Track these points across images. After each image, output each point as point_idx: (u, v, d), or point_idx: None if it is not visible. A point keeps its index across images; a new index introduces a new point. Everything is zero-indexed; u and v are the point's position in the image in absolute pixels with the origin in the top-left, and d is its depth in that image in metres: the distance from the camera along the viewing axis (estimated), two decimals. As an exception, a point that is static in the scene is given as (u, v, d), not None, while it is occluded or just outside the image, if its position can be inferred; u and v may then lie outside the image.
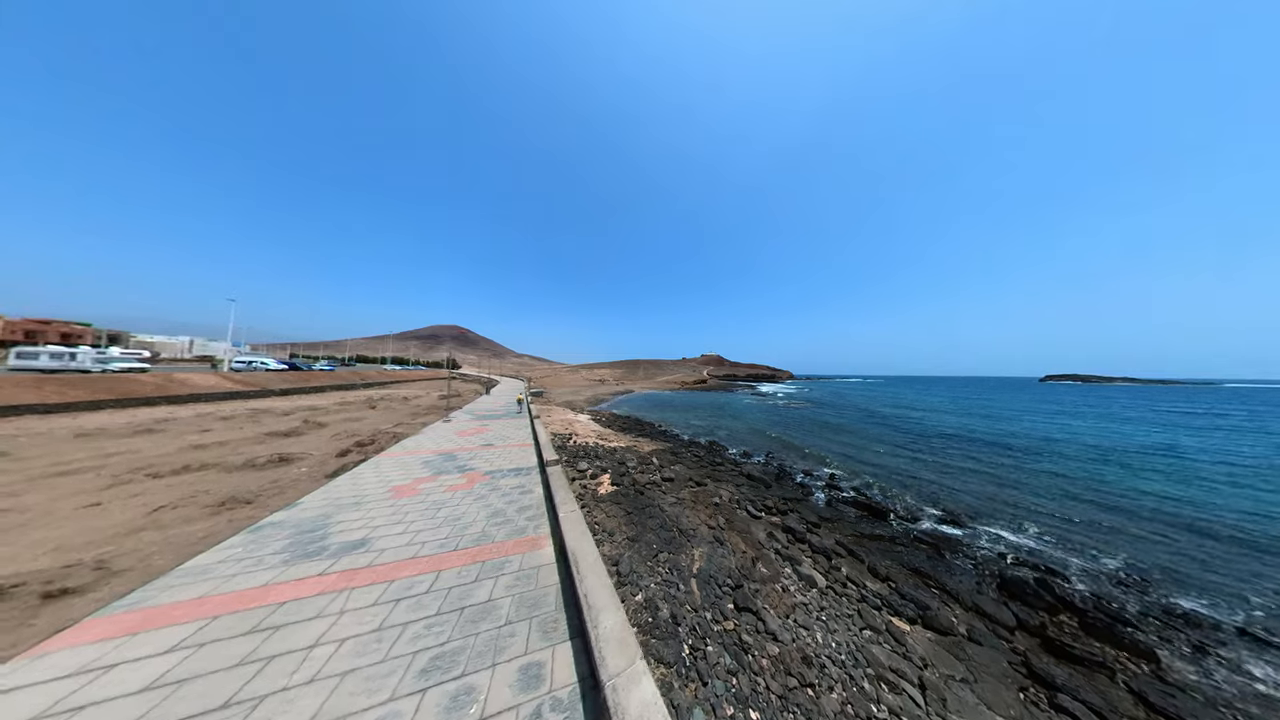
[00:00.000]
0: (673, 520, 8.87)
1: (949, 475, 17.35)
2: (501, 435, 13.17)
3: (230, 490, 7.28)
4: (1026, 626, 6.92)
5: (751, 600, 5.98)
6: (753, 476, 15.14)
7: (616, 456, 15.95)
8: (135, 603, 3.59)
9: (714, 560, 7.20)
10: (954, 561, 9.34)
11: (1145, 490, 15.85)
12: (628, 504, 9.79)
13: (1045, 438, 28.22)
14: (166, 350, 65.26)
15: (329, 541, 4.88)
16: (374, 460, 9.18)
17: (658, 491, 11.34)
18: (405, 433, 13.81)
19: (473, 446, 11.18)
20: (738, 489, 13.37)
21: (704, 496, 11.73)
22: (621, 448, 18.26)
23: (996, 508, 13.37)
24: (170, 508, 6.33)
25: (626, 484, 11.52)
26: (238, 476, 8.34)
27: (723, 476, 14.97)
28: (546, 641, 3.20)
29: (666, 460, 16.57)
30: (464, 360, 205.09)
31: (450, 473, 8.38)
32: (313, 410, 20.57)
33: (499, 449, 10.93)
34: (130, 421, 15.42)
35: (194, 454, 10.26)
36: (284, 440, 12.59)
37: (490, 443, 11.81)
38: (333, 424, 16.21)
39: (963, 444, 25.10)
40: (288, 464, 9.39)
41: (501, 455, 10.12)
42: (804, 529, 10.17)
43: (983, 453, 22.32)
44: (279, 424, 15.59)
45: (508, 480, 7.87)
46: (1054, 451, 23.31)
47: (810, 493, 14.11)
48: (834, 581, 7.59)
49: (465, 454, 10.22)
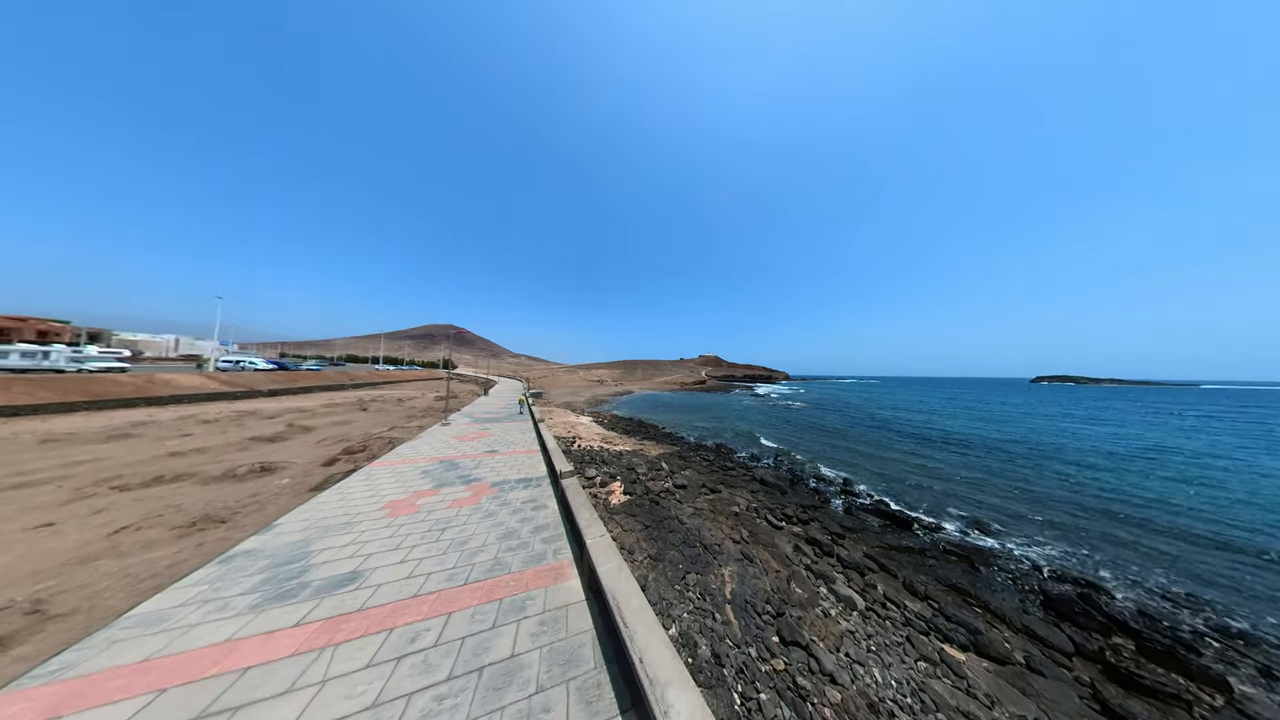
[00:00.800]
0: (695, 534, 8.22)
1: (963, 481, 16.92)
2: (505, 440, 12.42)
3: (204, 506, 6.48)
4: (1084, 652, 6.37)
5: (797, 630, 5.34)
6: (766, 482, 14.54)
7: (624, 461, 15.27)
8: (61, 669, 2.83)
9: (746, 581, 6.55)
10: (990, 576, 8.80)
11: (1170, 500, 15.55)
12: (644, 516, 9.11)
13: (1053, 442, 28.06)
14: (151, 349, 63.06)
15: (311, 576, 4.13)
16: (365, 470, 8.39)
17: (673, 501, 10.69)
18: (400, 438, 13.00)
19: (475, 453, 10.43)
20: (753, 496, 12.77)
21: (722, 505, 11.10)
22: (628, 451, 17.59)
23: (1019, 515, 12.92)
24: (134, 528, 5.53)
25: (639, 493, 10.84)
26: (215, 489, 7.52)
27: (736, 482, 14.37)
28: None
29: (676, 465, 15.93)
30: (460, 360, 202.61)
31: (453, 484, 7.64)
32: (300, 413, 19.60)
33: (504, 456, 10.19)
34: (105, 425, 14.39)
35: (170, 462, 9.39)
36: (268, 447, 11.71)
37: (493, 449, 11.06)
38: (320, 428, 15.32)
39: (971, 448, 24.79)
40: (270, 474, 8.57)
41: (507, 463, 9.38)
42: (829, 540, 9.58)
43: (994, 457, 21.98)
44: (264, 428, 14.67)
45: (517, 493, 7.15)
46: (1065, 456, 23.07)
47: (827, 500, 13.55)
48: (873, 602, 6.99)
49: (468, 462, 9.46)
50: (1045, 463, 20.70)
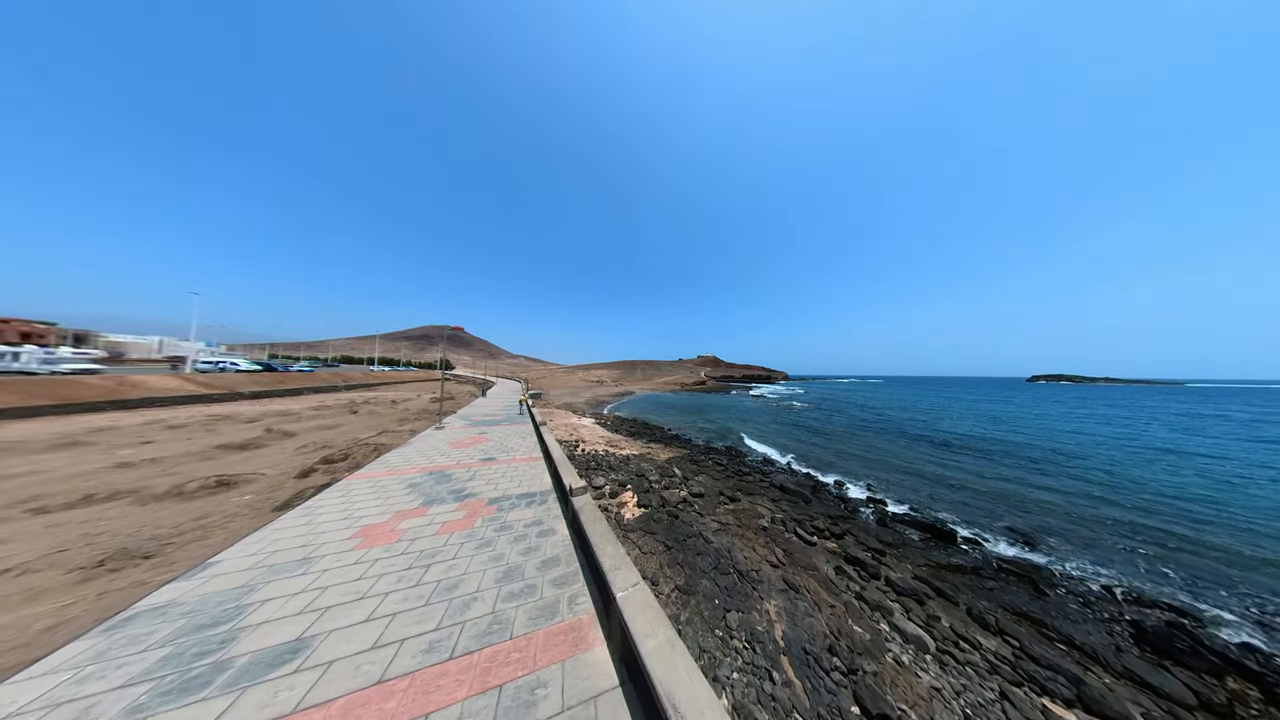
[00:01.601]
0: (725, 556, 7.07)
1: (993, 488, 15.87)
2: (504, 446, 11.22)
3: (129, 536, 5.25)
4: (1211, 706, 5.27)
5: (878, 694, 4.20)
6: (787, 489, 13.42)
7: (632, 467, 14.11)
8: None
9: (797, 620, 5.41)
10: (1060, 601, 7.71)
11: (1219, 503, 14.59)
12: (664, 533, 7.95)
13: (1075, 442, 27.18)
14: (135, 351, 61.08)
15: (236, 649, 2.94)
16: (343, 484, 7.18)
17: (693, 513, 9.53)
18: (388, 444, 11.76)
19: (470, 461, 9.23)
20: (776, 506, 11.64)
21: (746, 518, 9.96)
22: (635, 455, 16.43)
23: (1064, 527, 11.87)
24: (18, 572, 4.28)
25: (655, 504, 9.68)
26: (153, 510, 6.28)
27: (754, 489, 13.24)
28: None
29: (688, 470, 14.79)
30: (457, 361, 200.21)
31: (443, 501, 6.45)
32: (283, 416, 18.27)
33: (502, 464, 9.00)
34: (61, 432, 13.04)
35: (113, 476, 8.12)
36: (237, 455, 10.45)
37: (491, 456, 9.87)
38: (303, 433, 14.03)
39: (991, 452, 23.81)
40: (228, 489, 7.33)
41: (507, 474, 8.20)
42: (871, 559, 8.46)
43: (1019, 462, 20.98)
44: (238, 434, 13.37)
45: (519, 513, 5.98)
46: (1090, 457, 22.15)
47: (854, 509, 12.43)
48: (944, 640, 5.87)
49: (462, 472, 8.27)
50: (1076, 467, 19.74)
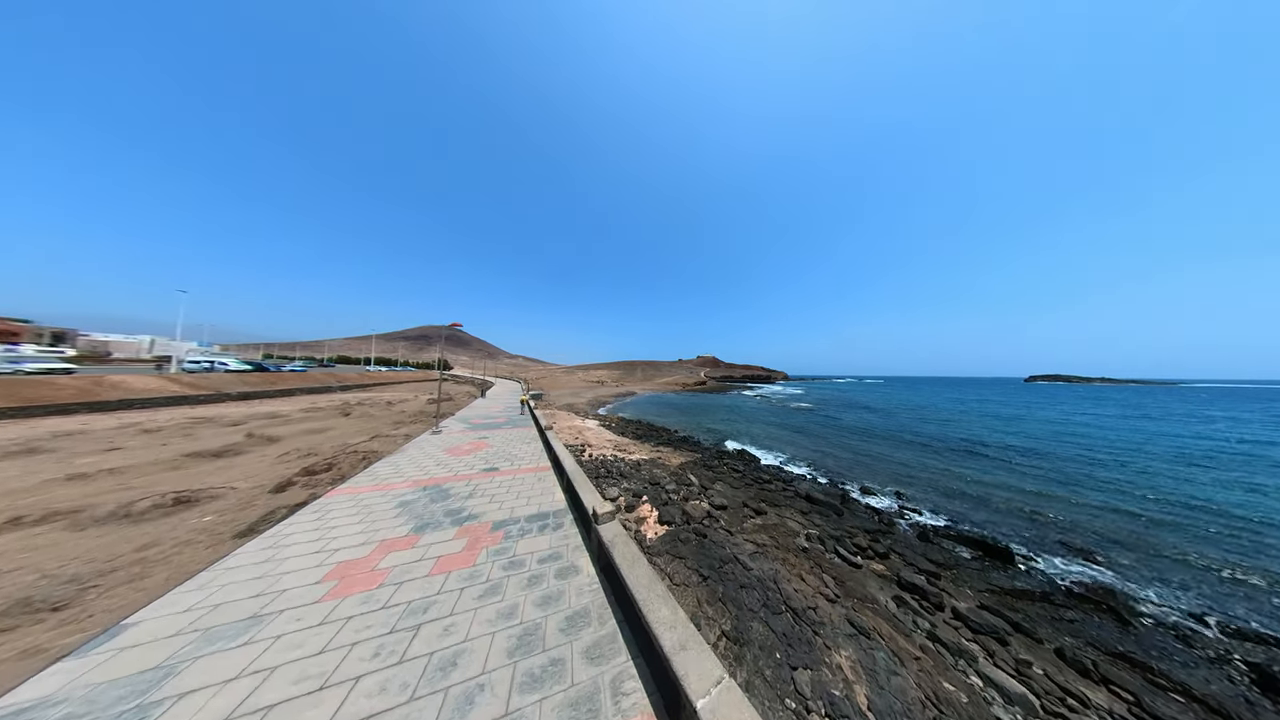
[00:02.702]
0: (772, 589, 6.02)
1: (1029, 495, 14.87)
2: (507, 452, 10.15)
3: (44, 576, 4.16)
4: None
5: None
6: (814, 499, 12.40)
7: (644, 474, 13.06)
8: None
9: (879, 679, 4.38)
10: (1152, 634, 6.71)
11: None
12: (694, 556, 6.91)
13: (1105, 445, 26.28)
14: (123, 350, 59.46)
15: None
16: (322, 502, 6.11)
17: (720, 530, 8.49)
18: (380, 451, 10.67)
19: (470, 473, 8.16)
20: (807, 519, 10.62)
21: (780, 536, 8.92)
22: (645, 460, 15.38)
23: (1120, 537, 10.90)
24: None
25: (677, 519, 8.63)
26: (90, 538, 5.19)
27: (779, 499, 12.21)
28: None
29: (704, 477, 13.74)
30: (456, 361, 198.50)
31: (438, 525, 5.39)
32: (271, 419, 17.13)
33: (507, 475, 7.94)
34: (17, 437, 11.88)
35: (57, 492, 7.01)
36: (209, 465, 9.34)
37: (493, 465, 8.80)
38: (288, 438, 12.92)
39: (1015, 454, 22.87)
40: (188, 508, 6.24)
41: (512, 488, 7.14)
42: (927, 583, 7.45)
43: (1047, 465, 20.01)
44: (217, 439, 12.24)
45: (530, 541, 4.92)
46: (1122, 459, 21.24)
47: (889, 521, 11.41)
48: (1049, 697, 4.84)
49: (460, 486, 7.20)
50: (1115, 471, 18.80)
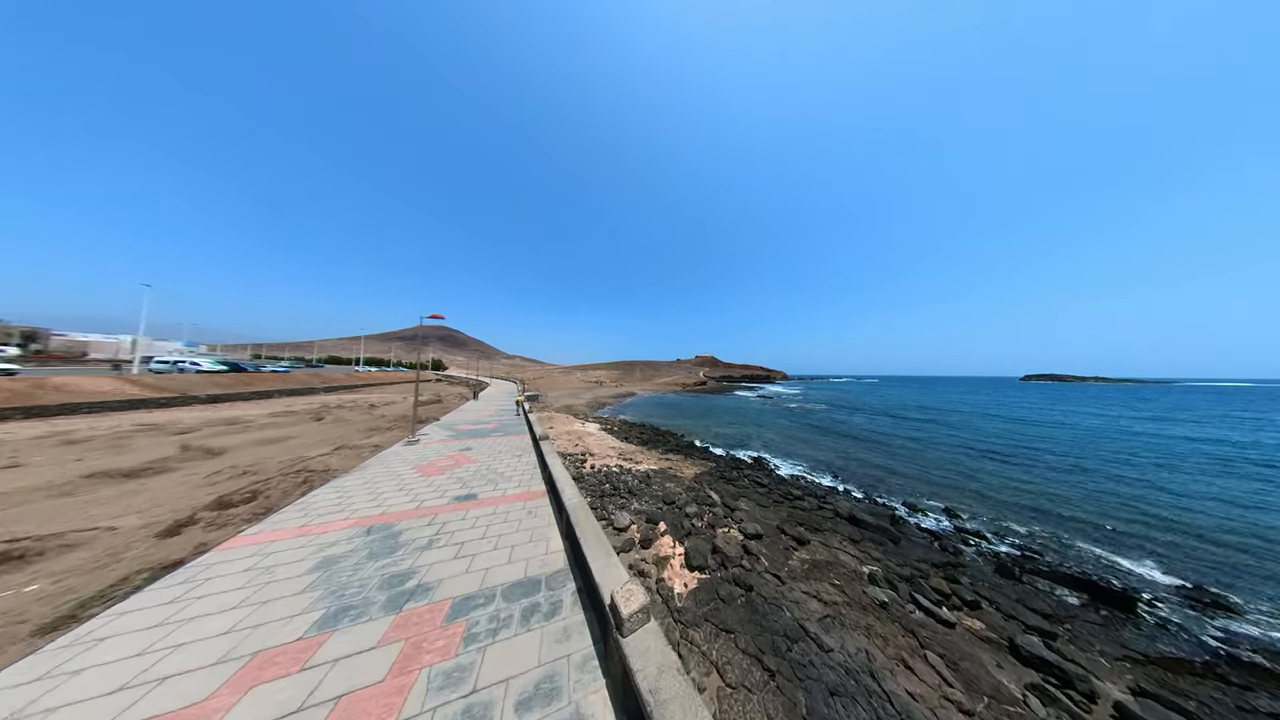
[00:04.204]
0: (874, 689, 4.09)
1: (1101, 512, 13.00)
2: (491, 471, 8.18)
3: None
4: None
5: None
6: (857, 520, 10.49)
7: (656, 488, 11.14)
8: None
9: None
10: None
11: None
12: (744, 625, 4.96)
13: (1157, 449, 24.55)
14: (102, 350, 56.84)
15: None
16: (206, 560, 4.13)
17: (767, 576, 6.54)
18: (335, 467, 8.67)
19: (438, 503, 6.18)
20: (858, 549, 8.70)
21: (840, 577, 6.97)
22: (655, 471, 13.44)
23: (1240, 567, 9.09)
24: None
25: (709, 559, 6.67)
26: None
27: (817, 522, 10.28)
28: None
29: (725, 492, 11.81)
30: (451, 362, 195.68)
31: (364, 609, 3.42)
32: (229, 425, 15.05)
33: (487, 506, 5.98)
34: (-97, 450, 9.80)
35: None
36: (111, 489, 7.30)
37: (470, 491, 6.82)
38: (234, 450, 10.87)
39: (1054, 460, 21.09)
40: (16, 568, 4.23)
41: (491, 528, 5.18)
42: (1048, 649, 5.56)
43: (1100, 475, 18.20)
44: (148, 452, 10.20)
45: (506, 650, 2.96)
46: (1203, 465, 19.48)
47: (954, 549, 9.52)
48: None
49: (420, 526, 5.23)
50: (1193, 482, 17.03)
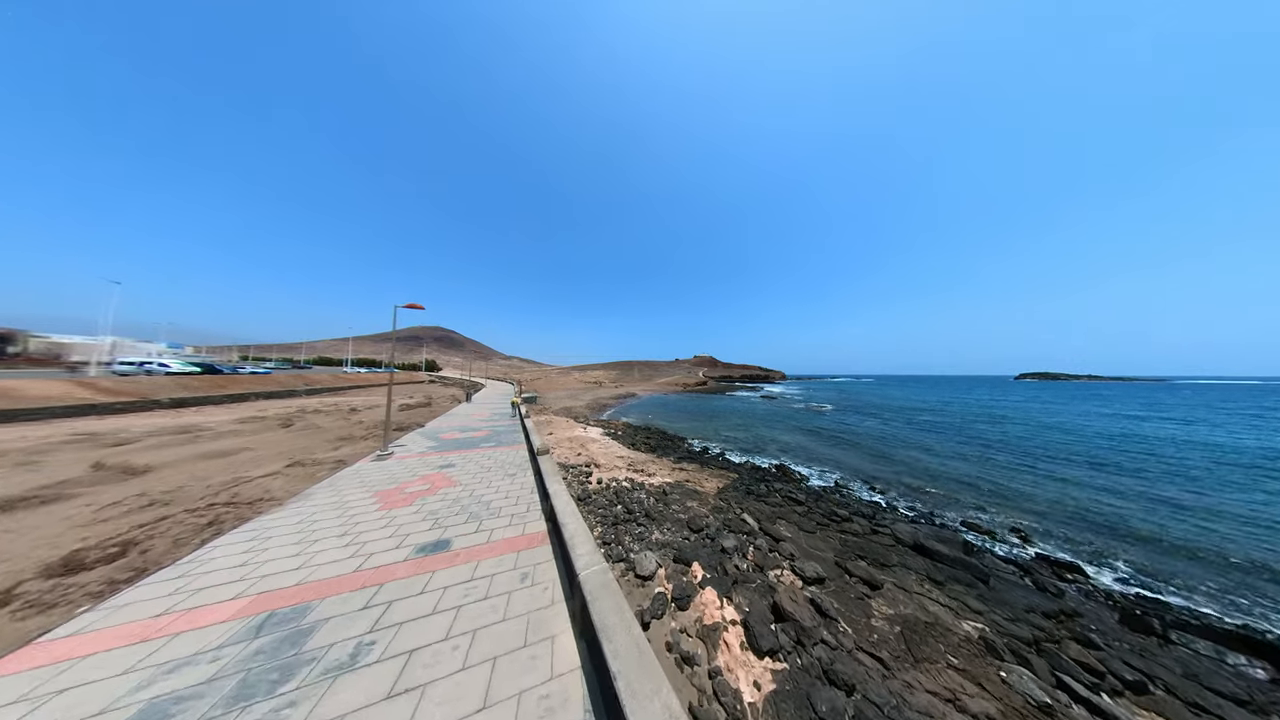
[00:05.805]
0: None
1: (1181, 528, 11.30)
2: (475, 498, 6.27)
3: None
4: None
5: None
6: (926, 550, 8.65)
7: (678, 510, 9.25)
8: None
9: None
10: None
11: None
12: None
13: (1221, 452, 22.91)
14: (80, 353, 54.34)
15: None
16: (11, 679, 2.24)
17: (859, 657, 4.69)
18: (273, 495, 6.75)
19: (390, 560, 4.26)
20: (944, 592, 6.86)
21: (949, 646, 5.11)
22: (672, 485, 11.55)
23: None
24: None
25: (780, 632, 4.82)
26: None
27: (878, 552, 8.42)
28: None
29: (757, 512, 9.93)
30: (447, 363, 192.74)
31: None
32: (180, 434, 13.05)
33: (460, 566, 4.09)
34: None
35: None
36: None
37: (443, 533, 4.91)
38: (165, 466, 8.88)
39: (1111, 467, 19.40)
40: None
41: (460, 619, 3.27)
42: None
43: (1176, 486, 16.51)
44: (55, 471, 8.22)
45: None
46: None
47: (1056, 590, 7.70)
48: None
49: (348, 614, 3.31)
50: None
